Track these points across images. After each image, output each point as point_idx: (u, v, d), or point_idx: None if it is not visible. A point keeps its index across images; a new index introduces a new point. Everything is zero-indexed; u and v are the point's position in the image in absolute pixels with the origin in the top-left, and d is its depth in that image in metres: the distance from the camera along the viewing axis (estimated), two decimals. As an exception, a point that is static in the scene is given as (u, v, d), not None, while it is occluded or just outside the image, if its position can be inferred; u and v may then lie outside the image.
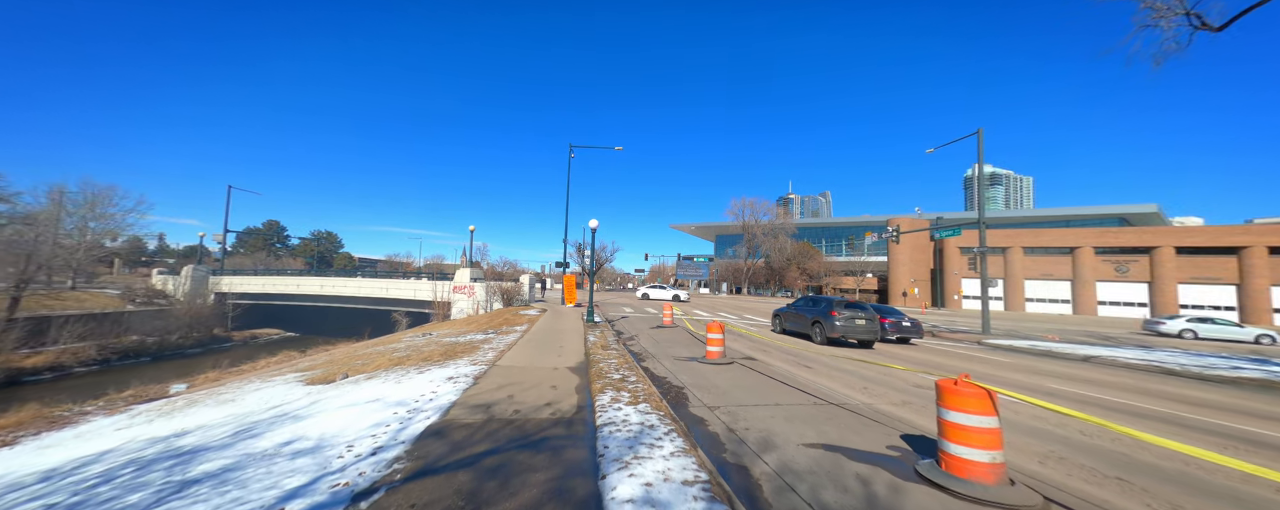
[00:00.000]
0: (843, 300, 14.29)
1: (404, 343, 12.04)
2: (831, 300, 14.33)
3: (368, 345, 13.92)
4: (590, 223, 16.85)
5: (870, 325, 13.39)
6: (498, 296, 25.94)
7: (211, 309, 33.84)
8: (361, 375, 7.59)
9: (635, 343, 12.91)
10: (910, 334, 15.44)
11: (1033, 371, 10.70)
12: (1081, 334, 22.74)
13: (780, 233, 61.43)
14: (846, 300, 14.25)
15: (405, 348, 10.92)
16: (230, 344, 32.71)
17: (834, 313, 13.51)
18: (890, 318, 15.19)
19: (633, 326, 17.33)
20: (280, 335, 37.67)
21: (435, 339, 12.15)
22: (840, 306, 13.81)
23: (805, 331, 14.70)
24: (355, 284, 31.99)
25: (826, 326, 13.46)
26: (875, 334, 13.53)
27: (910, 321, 15.56)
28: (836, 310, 13.58)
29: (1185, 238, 43.02)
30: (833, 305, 13.93)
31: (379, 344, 13.18)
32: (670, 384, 7.44)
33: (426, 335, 13.81)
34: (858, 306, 14.00)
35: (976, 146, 19.61)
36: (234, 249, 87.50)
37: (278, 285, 34.40)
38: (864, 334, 13.29)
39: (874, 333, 13.47)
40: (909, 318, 15.83)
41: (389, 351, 10.70)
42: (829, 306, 13.96)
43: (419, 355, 9.02)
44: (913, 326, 15.45)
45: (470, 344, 10.50)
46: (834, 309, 13.68)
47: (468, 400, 5.23)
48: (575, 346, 10.53)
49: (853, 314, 13.45)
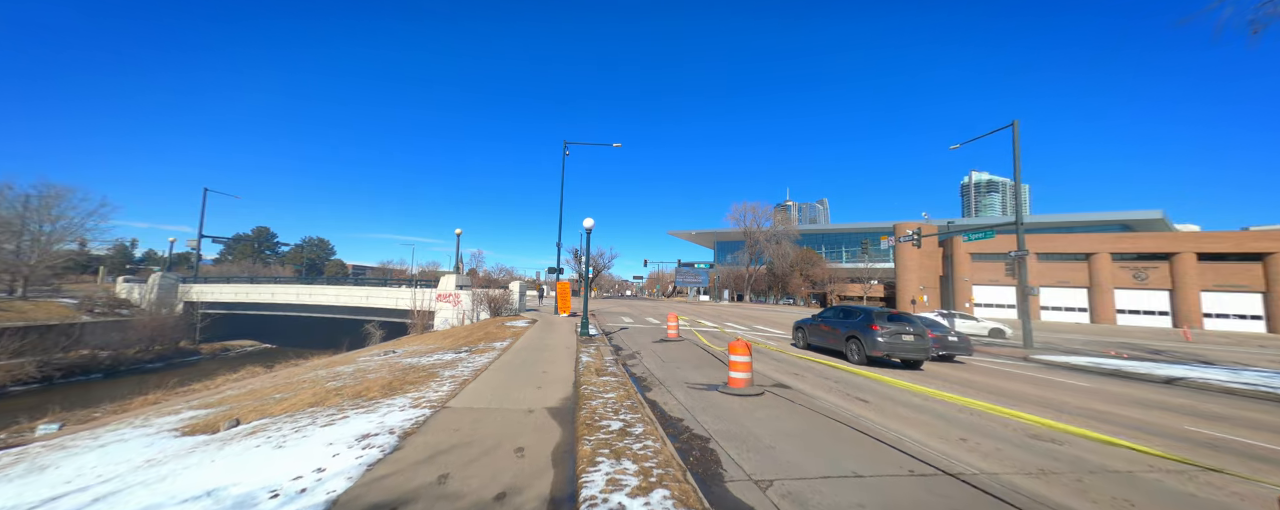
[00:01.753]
0: (884, 311, 12.16)
1: (355, 364, 9.87)
2: (870, 312, 12.14)
3: (314, 367, 11.71)
4: (584, 222, 14.78)
5: (920, 342, 11.31)
6: (485, 306, 23.74)
7: (179, 320, 31.45)
8: (261, 419, 5.45)
9: (637, 362, 10.78)
10: (957, 351, 13.40)
11: (1132, 402, 8.62)
12: (1115, 345, 20.71)
13: (783, 238, 59.55)
14: (888, 311, 12.20)
15: (351, 372, 8.75)
16: (197, 358, 30.30)
17: (876, 326, 11.39)
18: (933, 331, 13.03)
19: (633, 340, 15.20)
20: (255, 347, 35.25)
21: (393, 359, 9.98)
22: (882, 319, 11.68)
23: (837, 348, 12.60)
24: (333, 292, 29.74)
25: (866, 343, 11.32)
26: (926, 352, 11.43)
27: (957, 336, 13.54)
28: (879, 323, 11.48)
29: (1208, 243, 41.29)
30: (873, 318, 11.74)
31: (325, 366, 10.98)
32: (692, 434, 5.31)
33: (387, 354, 11.62)
34: (904, 319, 11.90)
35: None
36: (222, 256, 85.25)
37: (251, 294, 32.09)
38: (913, 353, 11.16)
39: (925, 351, 11.36)
40: (954, 331, 13.83)
41: (329, 376, 8.54)
42: (868, 319, 11.79)
43: (355, 387, 6.86)
44: (960, 342, 13.45)
45: (431, 368, 8.35)
46: (875, 322, 11.52)
47: (362, 493, 3.10)
48: (563, 372, 8.38)
49: (899, 328, 11.36)
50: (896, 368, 11.42)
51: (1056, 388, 9.75)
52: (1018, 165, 17.79)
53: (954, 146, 21.47)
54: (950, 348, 13.23)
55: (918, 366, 11.69)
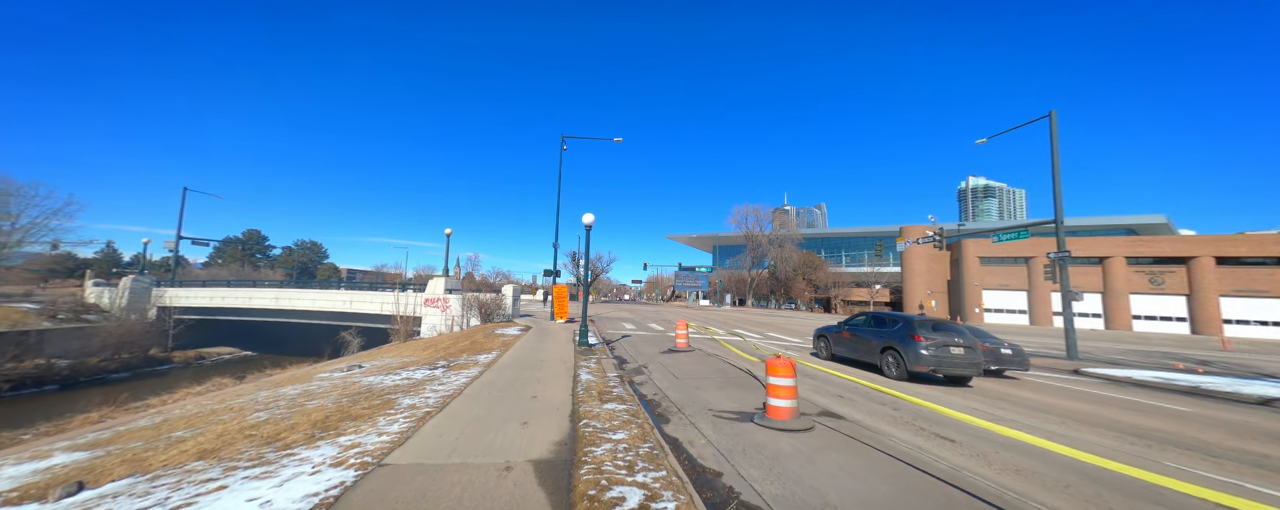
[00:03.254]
0: (927, 320, 10.54)
1: (304, 385, 8.15)
2: (911, 319, 10.59)
3: (261, 384, 9.94)
4: (584, 218, 13.15)
5: (971, 356, 9.79)
6: (475, 311, 22.00)
7: (150, 326, 29.51)
8: (122, 480, 3.77)
9: (646, 379, 9.11)
10: (1010, 365, 11.64)
11: (1258, 434, 7.01)
12: (1144, 353, 19.16)
13: (786, 241, 58.04)
14: (932, 320, 10.57)
15: (294, 396, 7.04)
16: (168, 367, 28.37)
17: (918, 337, 9.86)
18: (983, 343, 11.36)
19: (638, 350, 13.52)
20: (233, 355, 33.30)
21: (352, 378, 8.26)
22: (926, 328, 10.10)
23: (870, 361, 11.08)
24: (312, 296, 27.92)
25: (908, 356, 9.78)
26: (977, 367, 9.90)
27: (1010, 348, 11.80)
28: (921, 334, 9.92)
29: (1227, 247, 40.03)
30: (914, 327, 10.18)
31: (271, 385, 9.23)
32: (741, 504, 3.64)
33: (351, 369, 9.89)
34: (950, 328, 10.30)
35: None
36: (212, 259, 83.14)
37: (227, 298, 30.23)
38: (963, 368, 9.66)
39: (976, 365, 9.85)
40: (1007, 343, 12.04)
41: (268, 400, 6.83)
42: (909, 328, 10.26)
43: (280, 423, 5.17)
44: (1015, 355, 11.69)
45: (391, 393, 6.66)
46: (918, 332, 9.97)
47: None
48: (557, 396, 6.71)
49: (946, 339, 9.79)
50: (939, 383, 9.97)
51: (1144, 412, 8.13)
52: (1056, 158, 16.31)
53: (980, 141, 20.04)
54: (1003, 362, 11.55)
55: (966, 382, 10.22)
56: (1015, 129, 17.38)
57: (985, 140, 19.74)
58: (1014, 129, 17.43)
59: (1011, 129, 17.58)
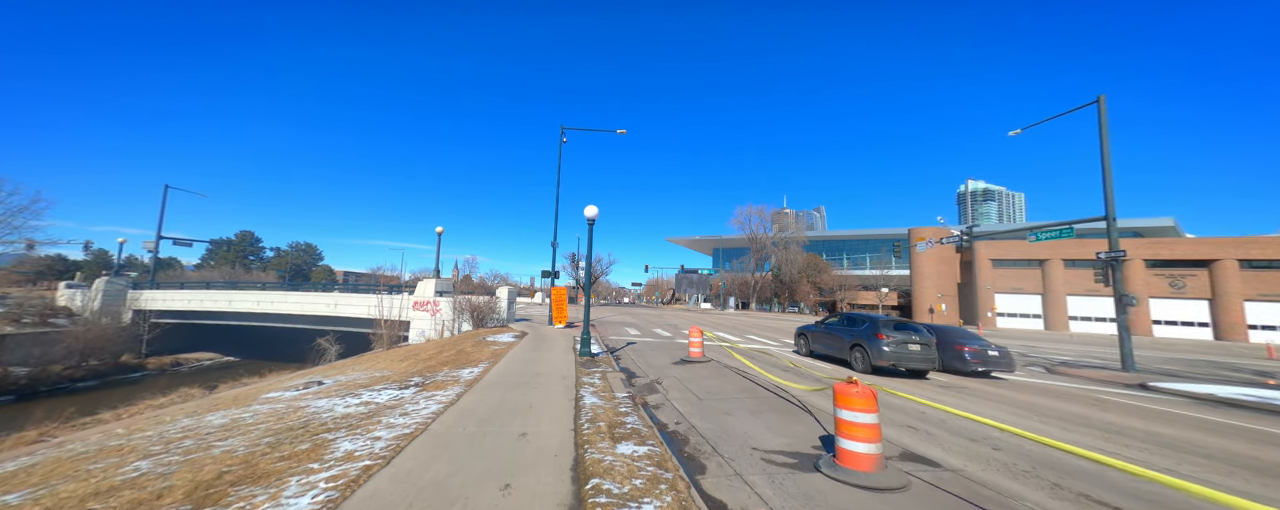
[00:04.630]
0: (891, 319, 11.75)
1: (233, 412, 6.52)
2: (876, 319, 11.71)
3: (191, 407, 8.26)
4: (586, 211, 11.58)
5: (926, 352, 11.02)
6: (467, 315, 20.38)
7: (122, 330, 27.80)
8: None
9: (663, 401, 7.51)
10: (997, 366, 11.95)
11: None
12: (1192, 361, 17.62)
13: (791, 244, 56.51)
14: (895, 319, 11.84)
15: (212, 429, 5.43)
16: (140, 374, 26.67)
17: (881, 335, 11.02)
18: (970, 344, 12.03)
19: (646, 361, 11.92)
20: (214, 361, 31.60)
21: (299, 402, 6.63)
22: (888, 327, 11.24)
23: (841, 356, 12.34)
24: (296, 299, 26.25)
25: (872, 352, 11.07)
26: (932, 362, 11.11)
27: (997, 350, 12.20)
28: (884, 332, 11.06)
29: (1251, 249, 38.60)
30: (878, 326, 11.29)
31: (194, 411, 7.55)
32: None
33: (306, 386, 8.25)
34: (909, 327, 11.42)
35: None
36: (204, 261, 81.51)
37: (205, 301, 28.54)
38: (919, 362, 10.94)
39: (931, 360, 11.07)
40: (995, 345, 12.43)
41: (179, 434, 5.23)
42: (873, 327, 11.38)
43: (154, 484, 3.57)
44: (1001, 357, 12.05)
45: (331, 429, 5.04)
46: (880, 331, 11.11)
47: None
48: (554, 432, 5.10)
49: (904, 337, 11.00)
50: (900, 376, 11.11)
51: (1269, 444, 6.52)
52: (1106, 147, 14.82)
53: (1014, 132, 18.58)
54: (990, 363, 11.86)
55: (923, 376, 11.40)
56: (1061, 116, 15.91)
57: (1020, 131, 18.26)
58: (1059, 116, 15.96)
59: (1056, 117, 16.11)
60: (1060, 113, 15.90)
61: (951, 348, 12.35)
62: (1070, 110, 15.64)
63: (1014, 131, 18.51)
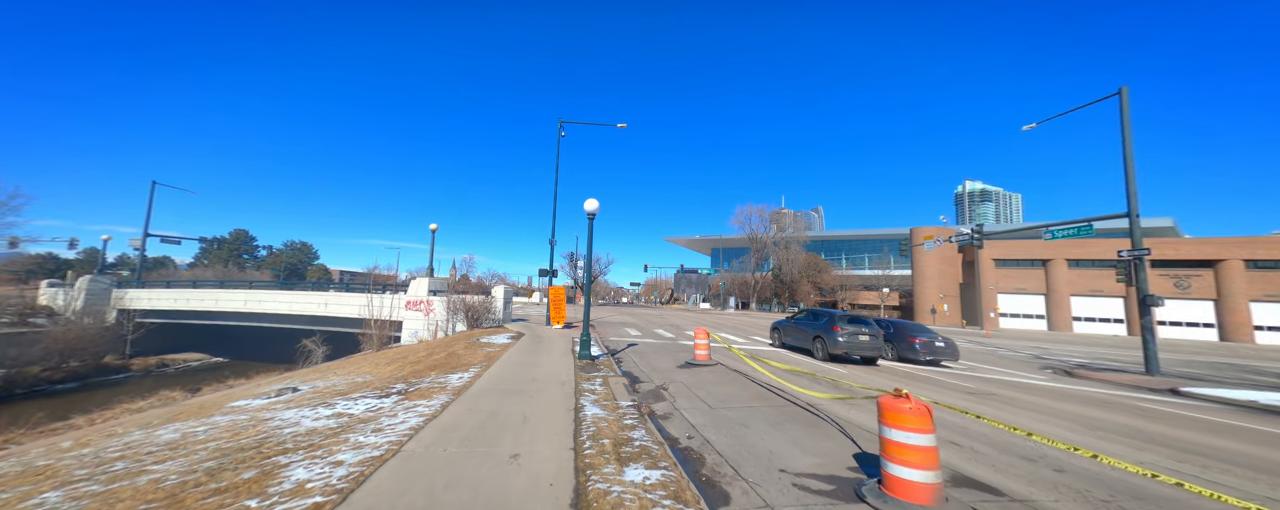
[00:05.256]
0: (846, 314, 13.73)
1: (191, 426, 5.78)
2: (833, 314, 13.54)
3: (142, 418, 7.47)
4: (586, 205, 10.87)
5: (874, 342, 12.87)
6: (461, 315, 19.63)
7: (105, 330, 26.91)
8: None
9: (672, 412, 6.81)
10: (944, 356, 13.73)
11: None
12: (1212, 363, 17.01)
13: (792, 243, 55.90)
14: (849, 314, 13.81)
15: (159, 444, 4.70)
16: (124, 375, 25.80)
17: (836, 328, 12.75)
18: (920, 337, 13.75)
19: (650, 364, 11.21)
20: (202, 362, 30.74)
21: (266, 413, 5.90)
22: (842, 321, 13.03)
23: (805, 346, 14.06)
24: (287, 298, 25.44)
25: (829, 342, 12.80)
26: (879, 351, 13.05)
27: (944, 341, 13.93)
28: (839, 325, 12.84)
29: (1257, 249, 38.20)
30: (835, 320, 13.09)
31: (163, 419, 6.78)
32: None
33: (279, 392, 7.51)
34: (861, 321, 13.23)
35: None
36: (198, 260, 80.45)
37: (192, 300, 27.68)
38: (868, 351, 12.78)
39: (878, 349, 12.98)
40: (941, 337, 14.11)
41: (117, 453, 4.50)
42: (830, 321, 13.12)
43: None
44: (946, 348, 13.81)
45: (287, 450, 4.33)
46: (836, 324, 12.89)
47: None
48: (551, 455, 4.40)
49: (856, 329, 12.81)
50: (854, 363, 12.70)
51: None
52: (1128, 140, 14.21)
53: (1028, 126, 17.98)
54: (938, 353, 13.57)
55: (873, 363, 13.08)
56: (1082, 108, 15.28)
57: (1035, 125, 17.65)
58: (1080, 108, 15.33)
59: (1076, 109, 15.48)
60: (1081, 105, 15.30)
61: (905, 340, 13.91)
62: (1091, 102, 15.04)
63: (1028, 126, 17.92)
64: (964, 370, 13.28)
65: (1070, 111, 15.74)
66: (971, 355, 17.38)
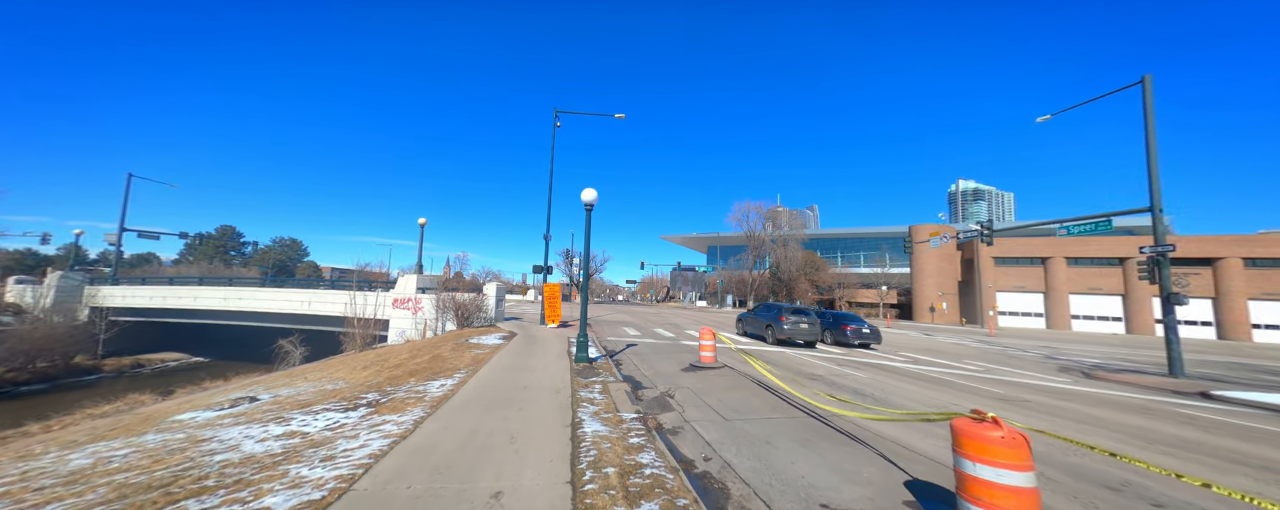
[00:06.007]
0: (790, 306, 16.25)
1: (107, 448, 4.86)
2: (781, 307, 16.23)
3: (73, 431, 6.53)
4: (584, 195, 9.99)
5: (813, 329, 15.46)
6: (451, 314, 18.69)
7: (80, 329, 25.64)
8: None
9: (683, 427, 5.98)
10: (870, 341, 16.33)
11: None
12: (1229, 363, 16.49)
13: (790, 240, 55.27)
14: (792, 306, 16.36)
15: (59, 477, 3.76)
16: (96, 376, 24.59)
17: (783, 318, 15.34)
18: (851, 324, 16.57)
19: (652, 367, 10.38)
20: (181, 362, 29.51)
21: (207, 431, 5.01)
22: (788, 313, 15.53)
23: (760, 333, 16.55)
24: (268, 296, 24.34)
25: (777, 329, 15.39)
26: (817, 336, 15.71)
27: (869, 328, 16.63)
28: (785, 316, 15.38)
29: (1256, 247, 38.08)
30: (782, 312, 15.69)
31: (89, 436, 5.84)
32: None
33: (235, 403, 6.59)
34: (804, 312, 15.95)
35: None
36: (183, 256, 78.45)
37: (169, 298, 26.46)
38: (808, 336, 15.31)
39: (816, 335, 15.57)
40: (868, 325, 17.02)
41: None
42: (778, 313, 15.79)
43: None
44: (871, 333, 16.41)
45: (206, 490, 3.41)
46: (783, 315, 15.46)
47: None
48: (545, 483, 3.59)
49: (799, 319, 15.41)
50: (799, 347, 15.19)
51: None
52: (1151, 132, 13.55)
53: (1041, 118, 17.32)
54: (865, 338, 16.19)
55: (812, 346, 15.61)
56: (1104, 97, 14.61)
57: (1050, 116, 16.99)
58: (1102, 97, 14.65)
59: (1098, 98, 14.80)
60: (1102, 94, 14.64)
61: (839, 327, 16.58)
62: (1113, 91, 14.39)
63: (1042, 117, 17.27)
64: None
65: (1091, 101, 15.08)
66: (984, 356, 16.74)
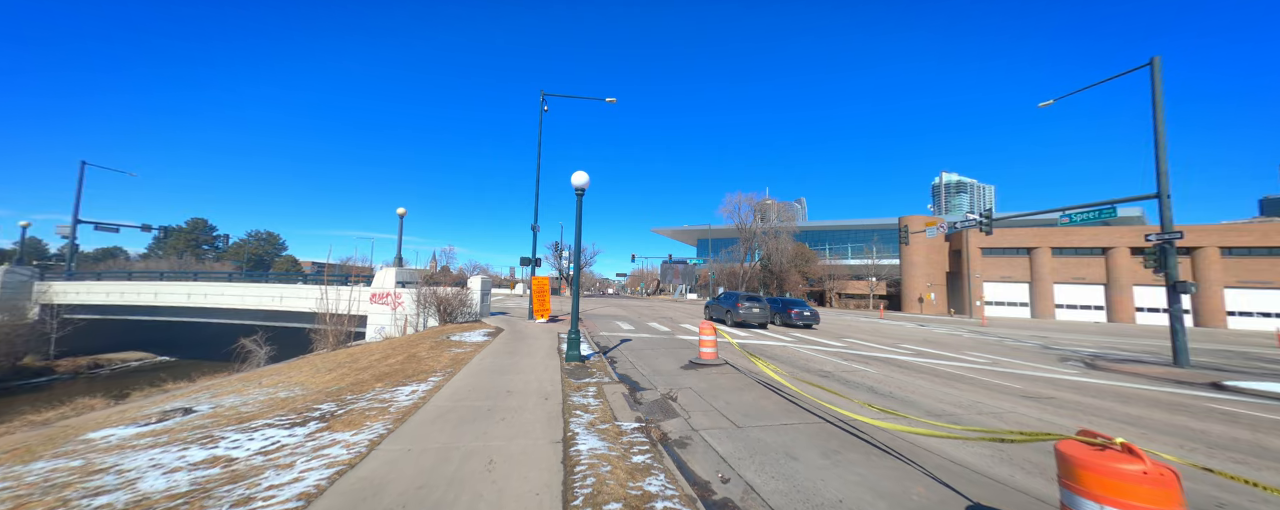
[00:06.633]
0: (746, 294, 19.65)
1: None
2: (738, 295, 19.16)
3: None
4: (574, 178, 9.09)
5: (763, 313, 18.33)
6: (433, 309, 17.66)
7: (29, 328, 23.91)
8: None
9: (692, 438, 5.22)
10: (811, 322, 19.16)
11: None
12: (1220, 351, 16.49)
13: (782, 233, 54.99)
14: (747, 294, 19.89)
15: None
16: (48, 378, 23.03)
17: (739, 304, 18.06)
18: (794, 308, 19.45)
19: (649, 365, 9.62)
20: (144, 361, 27.89)
21: (110, 458, 4.07)
22: (743, 299, 18.45)
23: (721, 317, 19.09)
24: (236, 291, 22.91)
25: (734, 313, 18.06)
26: (768, 319, 18.64)
27: (810, 312, 19.50)
28: (741, 303, 18.12)
29: (1232, 236, 38.91)
30: (739, 299, 18.46)
31: None
32: None
33: (163, 418, 5.63)
34: (756, 299, 18.91)
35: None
36: (152, 250, 75.06)
37: (127, 294, 24.79)
38: (760, 319, 18.19)
39: (766, 318, 18.45)
40: (809, 308, 20.11)
41: None
42: (735, 300, 18.50)
43: None
44: (811, 316, 19.28)
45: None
46: (739, 302, 18.19)
47: None
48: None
49: (752, 305, 18.24)
50: (753, 328, 17.92)
51: None
52: (1160, 114, 13.15)
53: (1044, 103, 16.90)
54: (806, 320, 18.99)
55: (764, 327, 18.27)
56: (1112, 79, 14.17)
57: (1052, 102, 16.57)
58: (1110, 79, 14.22)
59: (1106, 80, 14.37)
60: (1110, 77, 14.21)
61: (785, 312, 19.22)
62: (1122, 73, 13.96)
63: (1045, 103, 16.84)
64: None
65: (1098, 84, 14.64)
66: (983, 347, 16.40)
